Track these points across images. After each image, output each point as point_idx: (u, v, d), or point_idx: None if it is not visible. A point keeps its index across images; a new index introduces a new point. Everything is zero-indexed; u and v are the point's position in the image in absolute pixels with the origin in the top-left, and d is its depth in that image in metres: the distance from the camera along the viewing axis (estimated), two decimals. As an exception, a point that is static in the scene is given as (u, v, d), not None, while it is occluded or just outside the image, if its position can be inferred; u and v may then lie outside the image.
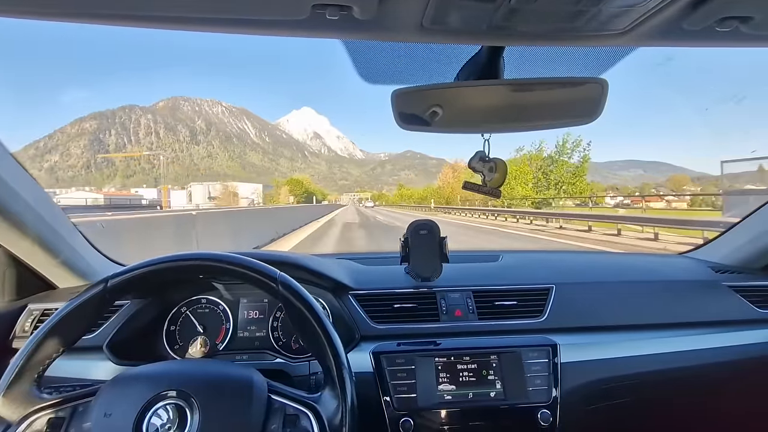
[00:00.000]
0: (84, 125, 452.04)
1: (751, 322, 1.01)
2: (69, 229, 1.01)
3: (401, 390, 0.81)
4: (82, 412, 0.57)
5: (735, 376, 0.96)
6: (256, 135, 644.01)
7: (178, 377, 0.58)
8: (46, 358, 0.59)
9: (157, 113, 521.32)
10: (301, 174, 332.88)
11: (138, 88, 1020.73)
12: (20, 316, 0.94)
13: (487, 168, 0.73)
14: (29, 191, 0.87)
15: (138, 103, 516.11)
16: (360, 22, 0.47)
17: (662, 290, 1.05)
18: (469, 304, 0.95)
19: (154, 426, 0.53)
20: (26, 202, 0.86)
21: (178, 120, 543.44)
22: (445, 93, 0.65)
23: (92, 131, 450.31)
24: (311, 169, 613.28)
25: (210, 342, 0.91)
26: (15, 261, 0.94)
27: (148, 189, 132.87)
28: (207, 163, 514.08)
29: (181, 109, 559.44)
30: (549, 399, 0.81)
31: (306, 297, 0.63)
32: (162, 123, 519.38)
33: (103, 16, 0.47)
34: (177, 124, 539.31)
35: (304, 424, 0.57)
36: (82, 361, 0.85)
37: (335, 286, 0.96)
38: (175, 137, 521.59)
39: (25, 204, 0.86)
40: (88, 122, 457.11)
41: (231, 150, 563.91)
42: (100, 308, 0.63)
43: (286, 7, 0.44)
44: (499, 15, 0.47)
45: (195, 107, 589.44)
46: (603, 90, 0.61)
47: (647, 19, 0.48)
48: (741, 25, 0.47)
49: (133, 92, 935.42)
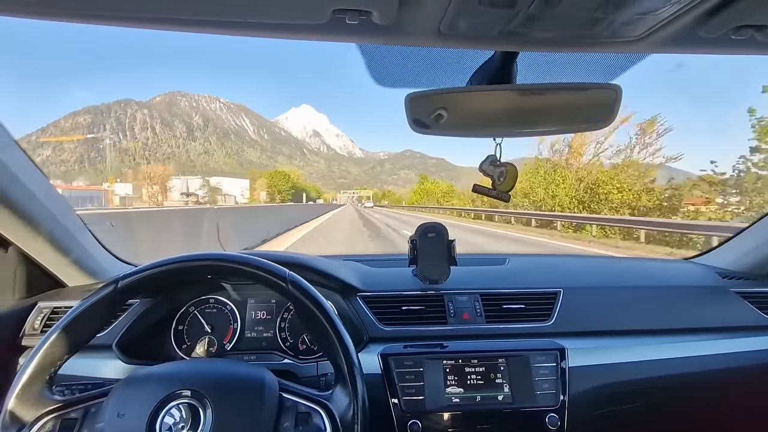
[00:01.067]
0: (78, 119, 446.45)
1: (759, 328, 1.01)
2: (80, 228, 1.02)
3: (409, 392, 0.81)
4: (94, 412, 0.57)
5: (742, 383, 0.97)
6: (255, 132, 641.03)
7: (190, 377, 0.58)
8: (58, 359, 0.59)
9: (153, 108, 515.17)
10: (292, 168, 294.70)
11: (135, 83, 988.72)
12: (30, 314, 0.95)
13: (498, 172, 0.73)
14: (43, 191, 0.88)
15: (134, 98, 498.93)
16: (378, 27, 0.47)
17: (670, 296, 1.05)
18: (477, 307, 0.96)
19: (167, 425, 0.53)
20: (41, 202, 0.87)
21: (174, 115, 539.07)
22: (459, 97, 0.65)
23: (86, 125, 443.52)
24: (310, 167, 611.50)
25: (218, 342, 0.92)
26: (26, 259, 0.95)
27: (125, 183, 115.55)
28: (203, 159, 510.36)
29: (178, 105, 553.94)
30: (557, 403, 0.82)
31: (315, 296, 0.64)
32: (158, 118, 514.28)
33: (119, 18, 0.46)
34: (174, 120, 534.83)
35: (316, 421, 0.57)
36: (91, 360, 0.85)
37: (343, 287, 0.97)
38: (172, 133, 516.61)
39: (40, 204, 0.87)
40: (82, 116, 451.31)
41: (228, 147, 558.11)
42: (111, 308, 0.63)
43: (306, 12, 0.44)
44: (516, 21, 0.47)
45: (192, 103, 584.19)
46: (617, 96, 0.61)
47: (663, 26, 0.48)
48: (756, 34, 0.48)
49: (129, 87, 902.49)
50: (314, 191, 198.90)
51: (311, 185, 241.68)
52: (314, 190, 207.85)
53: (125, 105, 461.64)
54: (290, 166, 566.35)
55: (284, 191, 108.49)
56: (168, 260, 0.65)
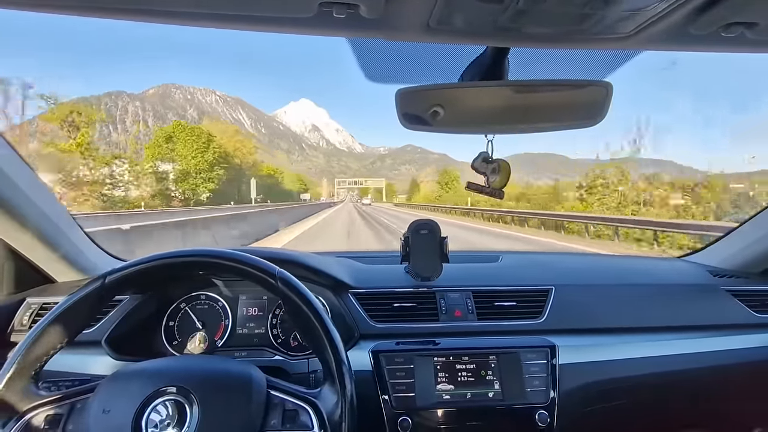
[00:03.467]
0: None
1: (748, 326, 1.02)
2: (69, 223, 1.01)
3: (400, 389, 0.81)
4: (80, 408, 0.57)
5: (732, 380, 0.97)
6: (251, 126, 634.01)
7: (177, 373, 0.58)
8: (44, 354, 0.59)
9: (146, 100, 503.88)
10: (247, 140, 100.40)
11: (128, 74, 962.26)
12: (19, 310, 0.94)
13: (490, 169, 0.73)
14: (30, 185, 0.87)
15: (126, 90, 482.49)
16: (366, 20, 0.46)
17: (661, 293, 1.05)
18: (469, 305, 0.96)
19: (153, 422, 0.53)
20: (27, 195, 0.86)
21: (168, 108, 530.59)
22: (449, 93, 0.65)
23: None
24: (309, 161, 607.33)
25: (209, 338, 0.92)
26: (14, 254, 0.94)
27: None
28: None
29: (172, 97, 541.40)
30: (547, 400, 0.82)
31: (305, 292, 0.64)
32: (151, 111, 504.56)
33: (109, 10, 0.46)
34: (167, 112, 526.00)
35: (304, 419, 0.58)
36: (80, 356, 0.85)
37: (335, 284, 0.96)
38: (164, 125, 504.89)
39: (26, 197, 0.86)
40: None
41: None
42: (98, 304, 0.63)
43: (293, 5, 0.44)
44: (505, 16, 0.47)
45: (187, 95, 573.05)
46: (608, 93, 0.61)
47: (653, 23, 0.48)
48: (747, 31, 0.48)
49: (122, 78, 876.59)
50: (298, 183, 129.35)
51: (289, 173, 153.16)
52: (297, 181, 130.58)
53: (116, 97, 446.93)
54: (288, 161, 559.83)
55: (210, 179, 46.63)
56: (156, 256, 0.64)
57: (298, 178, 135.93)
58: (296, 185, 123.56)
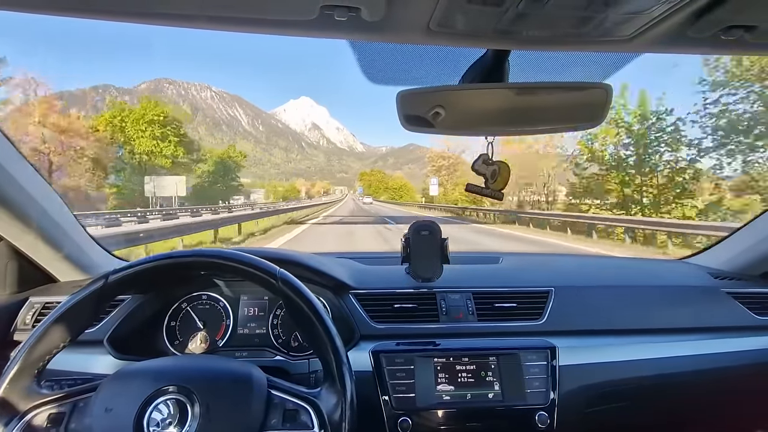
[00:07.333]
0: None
1: (749, 328, 1.01)
2: (72, 223, 1.01)
3: (400, 390, 0.81)
4: (82, 407, 0.57)
5: (732, 382, 0.97)
6: (249, 123, 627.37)
7: (178, 372, 0.59)
8: (47, 353, 0.59)
9: (136, 95, 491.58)
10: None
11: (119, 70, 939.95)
12: (21, 309, 0.94)
13: (490, 171, 0.73)
14: (33, 184, 0.87)
15: (115, 83, 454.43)
16: (368, 23, 0.47)
17: (661, 295, 1.05)
18: (469, 306, 0.96)
19: (155, 421, 0.53)
20: (30, 195, 0.86)
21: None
22: (450, 95, 0.65)
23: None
24: (309, 161, 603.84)
25: (210, 338, 0.92)
26: (17, 254, 0.94)
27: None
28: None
29: (164, 92, 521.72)
30: (547, 401, 0.82)
31: (305, 293, 0.64)
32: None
33: (111, 12, 0.46)
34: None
35: (304, 419, 0.58)
36: (83, 355, 0.85)
37: (335, 284, 0.97)
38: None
39: (29, 197, 0.86)
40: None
41: (219, 137, 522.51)
42: (100, 304, 0.63)
43: (294, 8, 0.44)
44: (506, 19, 0.47)
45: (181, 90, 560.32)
46: (607, 95, 0.61)
47: (653, 26, 0.48)
48: (746, 34, 0.48)
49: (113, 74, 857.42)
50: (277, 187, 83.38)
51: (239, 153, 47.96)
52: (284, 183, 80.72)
53: (103, 91, 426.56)
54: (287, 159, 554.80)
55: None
56: (158, 256, 0.65)
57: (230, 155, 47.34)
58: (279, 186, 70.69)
